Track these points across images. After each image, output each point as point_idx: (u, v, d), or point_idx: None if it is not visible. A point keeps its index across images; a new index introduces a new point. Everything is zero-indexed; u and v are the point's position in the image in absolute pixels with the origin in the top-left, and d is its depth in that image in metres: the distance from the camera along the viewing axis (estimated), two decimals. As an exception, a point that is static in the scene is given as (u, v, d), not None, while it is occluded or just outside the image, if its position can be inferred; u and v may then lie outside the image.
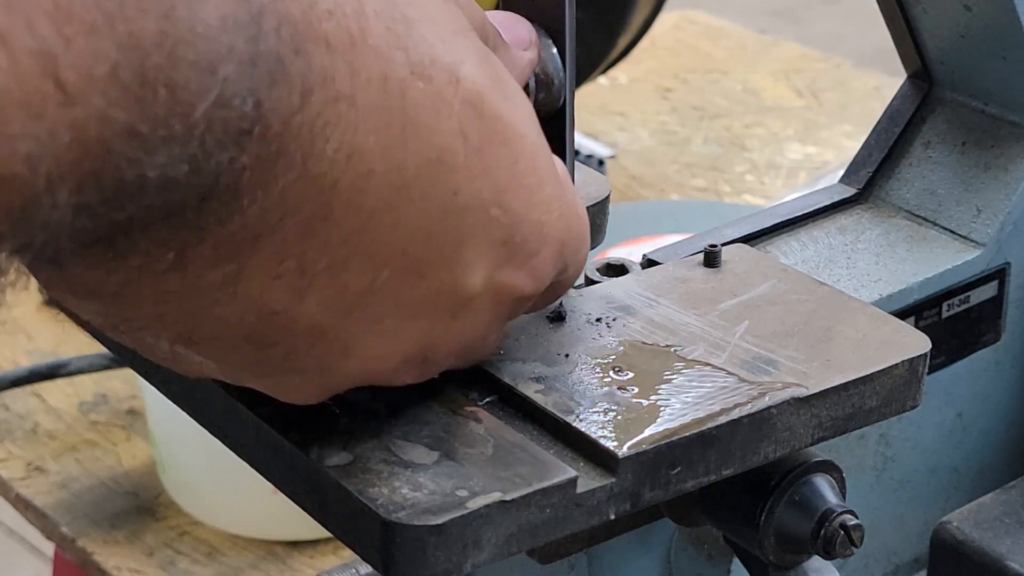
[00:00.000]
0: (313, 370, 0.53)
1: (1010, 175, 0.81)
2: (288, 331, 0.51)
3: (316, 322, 0.50)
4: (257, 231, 0.47)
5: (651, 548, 0.71)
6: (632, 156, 1.61)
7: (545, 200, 0.54)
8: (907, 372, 0.62)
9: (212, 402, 0.61)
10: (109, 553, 1.10)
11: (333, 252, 0.49)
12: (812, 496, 0.63)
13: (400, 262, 0.51)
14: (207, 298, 0.49)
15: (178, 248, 0.46)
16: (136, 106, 0.42)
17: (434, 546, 0.52)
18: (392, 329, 0.52)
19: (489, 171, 0.52)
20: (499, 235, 0.53)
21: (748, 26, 1.94)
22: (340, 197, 0.48)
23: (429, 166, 0.50)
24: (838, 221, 0.81)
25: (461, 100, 0.50)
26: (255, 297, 0.49)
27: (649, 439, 0.57)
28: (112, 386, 1.27)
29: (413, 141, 0.49)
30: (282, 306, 0.50)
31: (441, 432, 0.57)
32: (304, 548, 1.11)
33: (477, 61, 0.51)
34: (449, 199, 0.51)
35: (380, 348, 0.53)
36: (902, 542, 0.83)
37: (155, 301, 0.49)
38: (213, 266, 0.48)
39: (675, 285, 0.67)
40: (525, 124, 0.53)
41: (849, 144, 1.60)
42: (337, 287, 0.50)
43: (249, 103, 0.44)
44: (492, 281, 0.53)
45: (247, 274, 0.48)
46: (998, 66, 0.81)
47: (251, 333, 0.50)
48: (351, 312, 0.51)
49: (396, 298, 0.51)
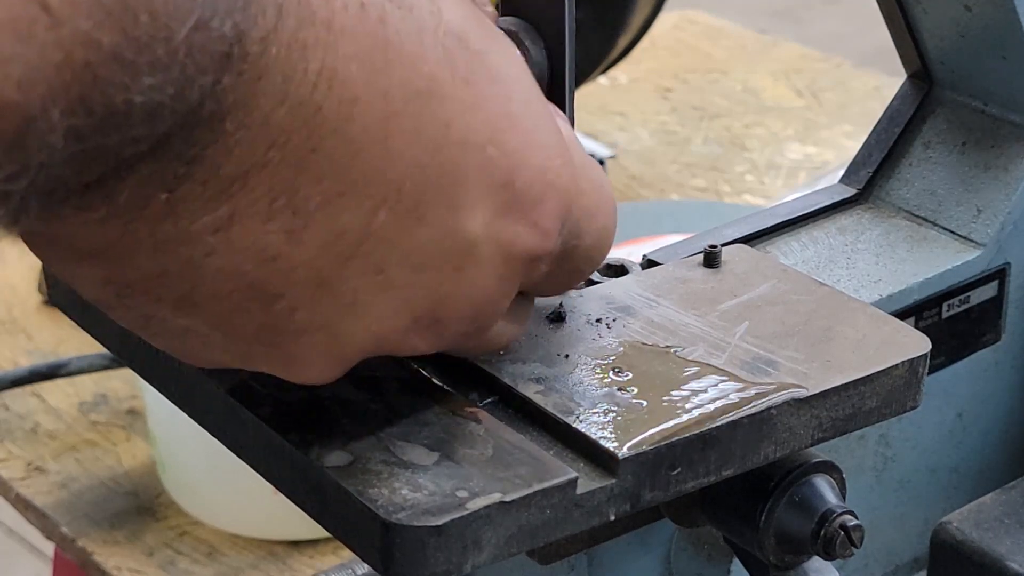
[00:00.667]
0: (321, 331, 0.51)
1: (1010, 175, 0.81)
2: (288, 281, 0.49)
3: (317, 269, 0.49)
4: (245, 165, 0.46)
5: (651, 549, 0.71)
6: (632, 156, 1.61)
7: (545, 145, 0.52)
8: (907, 372, 0.62)
9: (212, 402, 0.61)
10: (109, 553, 1.10)
11: (325, 188, 0.48)
12: (812, 497, 0.63)
13: (396, 202, 0.49)
14: (202, 246, 0.48)
15: (168, 187, 0.46)
16: (119, 30, 0.42)
17: (434, 547, 0.52)
18: (397, 281, 0.51)
19: (481, 105, 0.50)
20: (498, 176, 0.51)
21: (748, 26, 1.94)
22: (326, 125, 0.47)
23: (417, 96, 0.49)
24: (838, 221, 0.81)
25: (445, 30, 0.49)
26: (250, 242, 0.48)
27: (649, 440, 0.57)
28: (112, 386, 1.27)
29: (397, 68, 0.48)
30: (279, 250, 0.48)
31: (441, 433, 0.57)
32: (304, 548, 1.11)
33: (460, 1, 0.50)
34: (441, 132, 0.49)
35: (387, 304, 0.51)
36: (902, 542, 0.83)
37: (152, 252, 0.48)
38: (204, 208, 0.47)
39: (675, 285, 0.67)
40: (517, 67, 0.52)
41: (849, 144, 1.60)
42: (333, 229, 0.49)
43: (228, 24, 0.44)
44: (493, 228, 0.52)
45: (239, 216, 0.47)
46: (998, 66, 0.81)
47: (252, 284, 0.49)
48: (351, 258, 0.50)
49: (396, 243, 0.50)
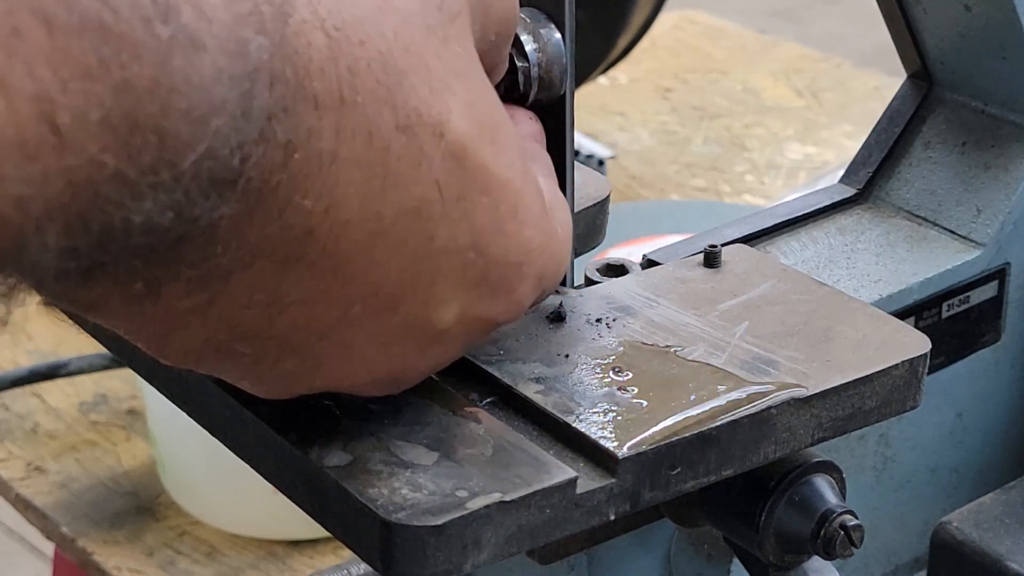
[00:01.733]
0: (280, 378, 0.54)
1: (1010, 175, 0.81)
2: (258, 347, 0.51)
3: (286, 342, 0.51)
4: (229, 269, 0.48)
5: (651, 548, 0.71)
6: (632, 156, 1.61)
7: (525, 241, 0.54)
8: (907, 372, 0.62)
9: (212, 402, 0.61)
10: (109, 553, 1.10)
11: (305, 289, 0.50)
12: (812, 496, 0.63)
13: (372, 298, 0.51)
14: (179, 320, 0.50)
15: (150, 281, 0.47)
16: (126, 152, 0.42)
17: (434, 546, 0.52)
18: (362, 354, 0.53)
19: (468, 218, 0.52)
20: (474, 276, 0.53)
21: (748, 26, 1.94)
22: (316, 244, 0.49)
23: (406, 215, 0.50)
24: (838, 221, 0.81)
25: (443, 153, 0.51)
26: (225, 321, 0.50)
27: (649, 439, 0.57)
28: (112, 386, 1.27)
29: (392, 192, 0.50)
30: (252, 329, 0.50)
31: (441, 433, 0.57)
32: (304, 548, 1.11)
33: (467, 110, 0.51)
34: (425, 244, 0.51)
35: (350, 368, 0.53)
36: (902, 542, 0.83)
37: (128, 317, 0.49)
38: (185, 296, 0.48)
39: (675, 285, 0.67)
40: (510, 168, 0.53)
41: (849, 144, 1.60)
42: (308, 317, 0.51)
43: (236, 157, 0.45)
44: (464, 316, 0.54)
45: (218, 303, 0.49)
46: (998, 66, 0.81)
47: (220, 347, 0.51)
48: (322, 337, 0.52)
49: (367, 329, 0.52)
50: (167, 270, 0.47)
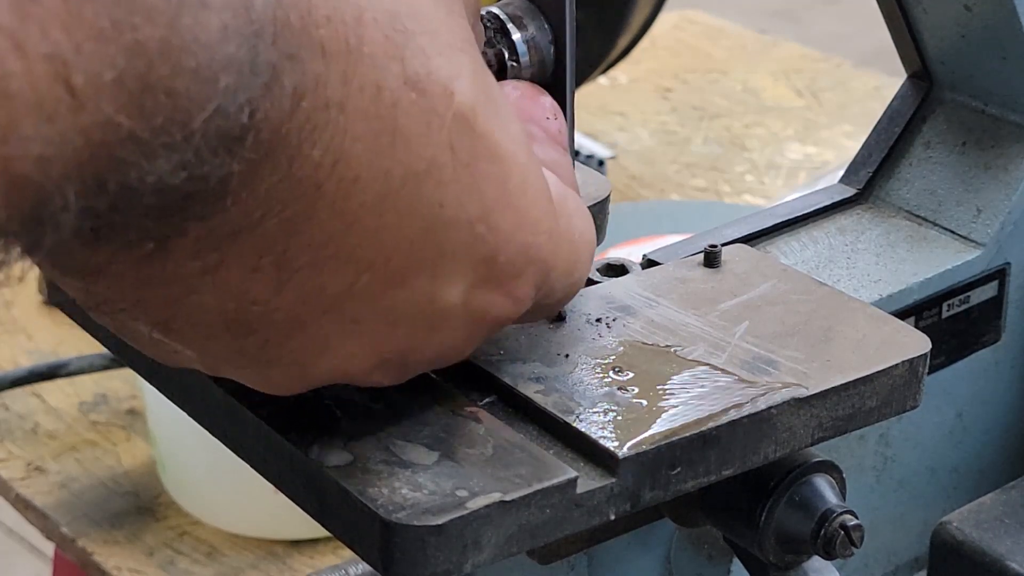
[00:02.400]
0: (289, 363, 0.53)
1: (1010, 175, 0.81)
2: (266, 321, 0.51)
3: (294, 315, 0.51)
4: (238, 227, 0.47)
5: (651, 548, 0.71)
6: (632, 156, 1.61)
7: (533, 222, 0.54)
8: (907, 372, 0.62)
9: (212, 402, 0.61)
10: (109, 553, 1.10)
11: (314, 252, 0.49)
12: (812, 496, 0.63)
13: (381, 268, 0.51)
14: (186, 285, 0.49)
15: (159, 239, 0.47)
16: (139, 113, 0.42)
17: (434, 546, 0.52)
18: (370, 332, 0.52)
19: (478, 187, 0.51)
20: (482, 252, 0.53)
21: (748, 26, 1.94)
22: (324, 200, 0.48)
23: (416, 177, 0.50)
24: (838, 221, 0.81)
25: (453, 114, 0.50)
26: (234, 286, 0.49)
27: (649, 439, 0.57)
28: (112, 386, 1.27)
29: (402, 151, 0.49)
30: (260, 297, 0.50)
31: (441, 432, 0.57)
32: (304, 548, 1.11)
33: (472, 77, 0.51)
34: (435, 211, 0.51)
35: (357, 348, 0.53)
36: (902, 542, 0.83)
37: (136, 283, 0.49)
38: (194, 256, 0.48)
39: (675, 285, 0.67)
40: (517, 144, 0.53)
41: (849, 144, 1.60)
42: (316, 285, 0.50)
43: (245, 112, 0.45)
44: (469, 298, 0.53)
45: (227, 264, 0.49)
46: (998, 66, 0.81)
47: (229, 321, 0.51)
48: (329, 311, 0.51)
49: (375, 303, 0.52)
50: (176, 227, 0.46)
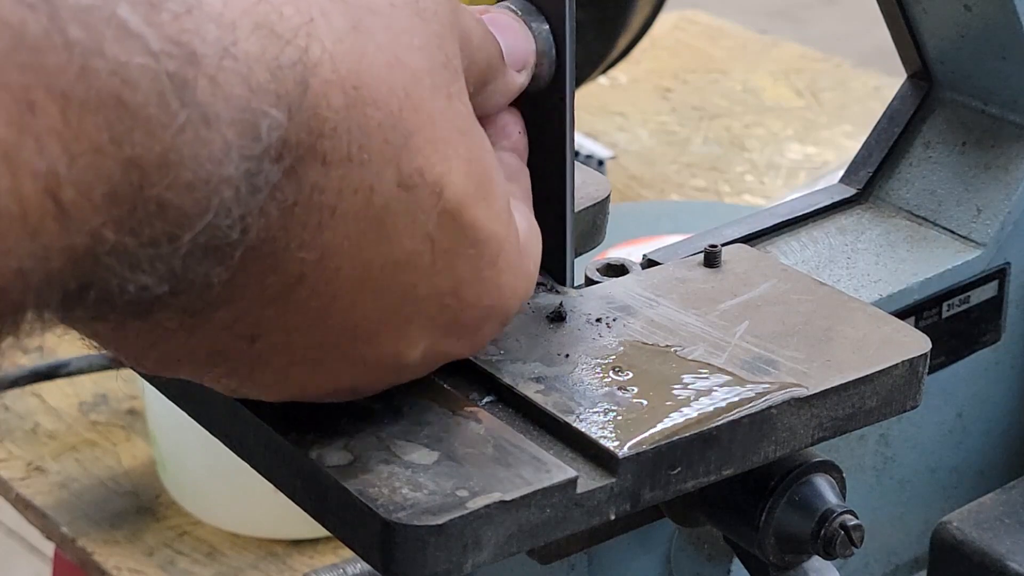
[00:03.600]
0: (250, 387, 0.55)
1: (1010, 175, 0.81)
2: (234, 361, 0.53)
3: (262, 360, 0.53)
4: (218, 305, 0.49)
5: (651, 548, 0.71)
6: (632, 156, 1.61)
7: (500, 286, 0.56)
8: (907, 372, 0.62)
9: (212, 402, 0.61)
10: (109, 553, 1.10)
11: (286, 323, 0.51)
12: (812, 496, 0.63)
13: (350, 333, 0.53)
14: (162, 339, 0.51)
15: (141, 314, 0.47)
16: (128, 226, 0.42)
17: (434, 546, 0.52)
18: (331, 372, 0.54)
19: (451, 268, 0.53)
20: (448, 319, 0.55)
21: (748, 26, 1.94)
22: (305, 287, 0.50)
23: (395, 266, 0.51)
24: (838, 221, 0.81)
25: (440, 211, 0.51)
26: (208, 340, 0.51)
27: (649, 439, 0.57)
28: (112, 386, 1.27)
29: (384, 244, 0.50)
30: (231, 349, 0.52)
31: (441, 432, 0.57)
32: (304, 548, 1.11)
33: (466, 168, 0.52)
34: (408, 291, 0.52)
35: (315, 382, 0.55)
36: (902, 542, 0.83)
37: (113, 329, 0.51)
38: (171, 319, 0.49)
39: (675, 285, 0.67)
40: (498, 222, 0.54)
41: (849, 144, 1.60)
42: (286, 344, 0.52)
43: (238, 228, 0.45)
44: (431, 351, 0.56)
45: (200, 326, 0.50)
46: (998, 66, 0.81)
47: (198, 361, 0.52)
48: (296, 361, 0.53)
49: (340, 355, 0.53)
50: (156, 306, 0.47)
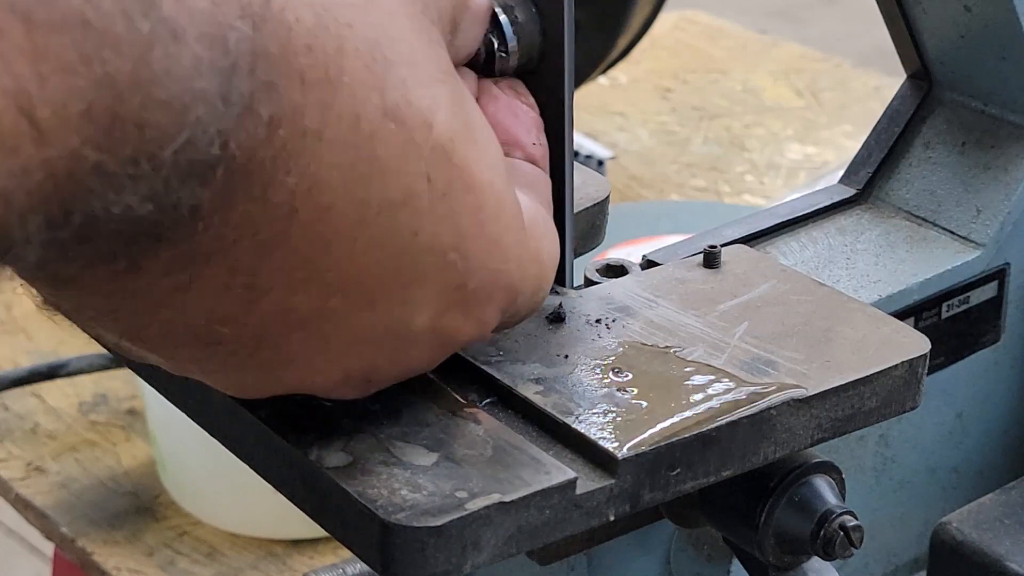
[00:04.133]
0: (254, 371, 0.53)
1: (1010, 176, 0.81)
2: (234, 335, 0.51)
3: (263, 331, 0.51)
4: (211, 250, 0.47)
5: (650, 549, 0.71)
6: (632, 156, 1.61)
7: (505, 249, 0.54)
8: (907, 373, 0.62)
9: (211, 403, 0.61)
10: (109, 553, 1.10)
11: (286, 275, 0.49)
12: (811, 497, 0.63)
13: (352, 291, 0.51)
14: (157, 301, 0.49)
15: (130, 259, 0.47)
16: (107, 145, 0.42)
17: (433, 547, 0.52)
18: (337, 349, 0.53)
19: (452, 216, 0.52)
20: (453, 279, 0.53)
21: (748, 26, 1.94)
22: (298, 226, 0.48)
23: (391, 206, 0.50)
24: (838, 222, 0.81)
25: (432, 145, 0.50)
26: (204, 304, 0.49)
27: (648, 440, 0.57)
28: (112, 386, 1.27)
29: (378, 181, 0.49)
30: (230, 314, 0.50)
31: (440, 433, 0.57)
32: (304, 548, 1.11)
33: (452, 107, 0.51)
34: (408, 239, 0.51)
35: (324, 364, 0.53)
36: (902, 543, 0.83)
37: (108, 294, 0.49)
38: (165, 274, 0.48)
39: (674, 286, 0.67)
40: (493, 171, 0.53)
41: (849, 144, 1.60)
42: (286, 306, 0.50)
43: (216, 143, 0.44)
44: (437, 322, 0.54)
45: (198, 284, 0.49)
46: (998, 66, 0.81)
47: (198, 334, 0.51)
48: (298, 329, 0.51)
49: (344, 323, 0.52)
50: (147, 249, 0.46)
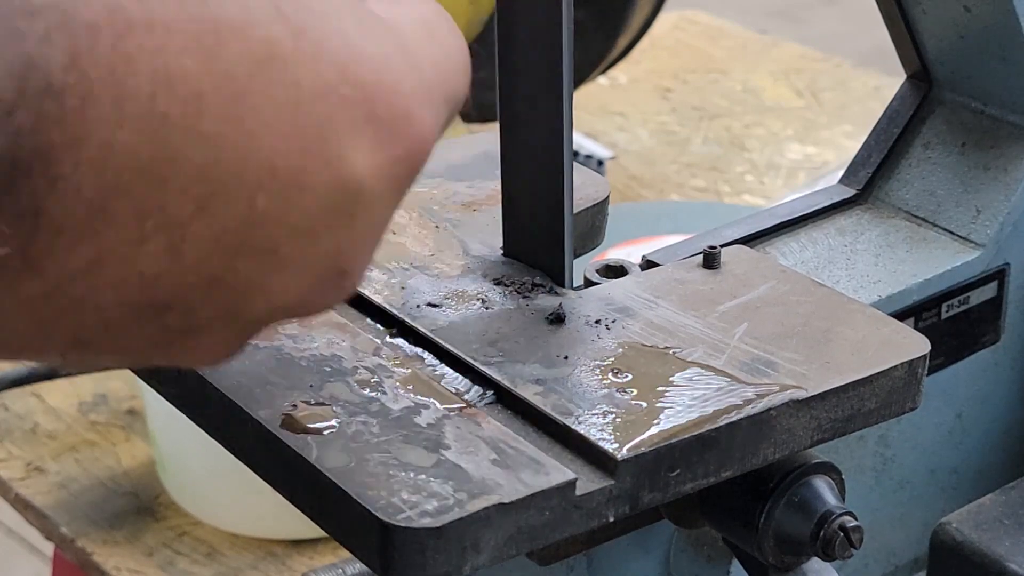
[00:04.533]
0: (219, 323, 0.48)
1: (1010, 176, 0.81)
2: (177, 290, 0.46)
3: (205, 271, 0.46)
4: (98, 199, 0.43)
5: (650, 550, 0.71)
6: (632, 156, 1.61)
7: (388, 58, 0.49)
8: (906, 374, 0.62)
9: (211, 404, 0.61)
10: (109, 553, 1.10)
11: (194, 195, 0.45)
12: (811, 498, 0.63)
13: (271, 180, 0.46)
14: (76, 291, 0.45)
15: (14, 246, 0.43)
16: None
17: (433, 549, 0.52)
18: (293, 254, 0.47)
19: (321, 49, 0.47)
20: (360, 112, 0.48)
21: (748, 26, 1.94)
22: (176, 130, 0.44)
23: (259, 66, 0.46)
24: (837, 222, 0.81)
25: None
26: (127, 271, 0.45)
27: (648, 441, 0.57)
28: (112, 386, 1.27)
29: (232, 45, 0.45)
30: (161, 269, 0.45)
31: (440, 434, 0.57)
32: (304, 548, 1.11)
33: None
34: (293, 93, 0.46)
35: (287, 278, 0.48)
36: (902, 543, 0.83)
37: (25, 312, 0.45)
38: (66, 254, 0.44)
39: (674, 287, 0.67)
40: None
41: (849, 144, 1.60)
42: (214, 230, 0.45)
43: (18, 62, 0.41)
44: (376, 162, 0.49)
45: (108, 251, 0.44)
46: (997, 67, 0.81)
47: (139, 309, 0.46)
48: (240, 251, 0.46)
49: (284, 220, 0.47)
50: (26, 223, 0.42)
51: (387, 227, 0.51)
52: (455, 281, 0.68)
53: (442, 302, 0.66)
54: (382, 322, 0.66)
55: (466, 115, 1.53)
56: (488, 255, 0.70)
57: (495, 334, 0.63)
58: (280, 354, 0.62)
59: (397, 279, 0.68)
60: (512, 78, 0.65)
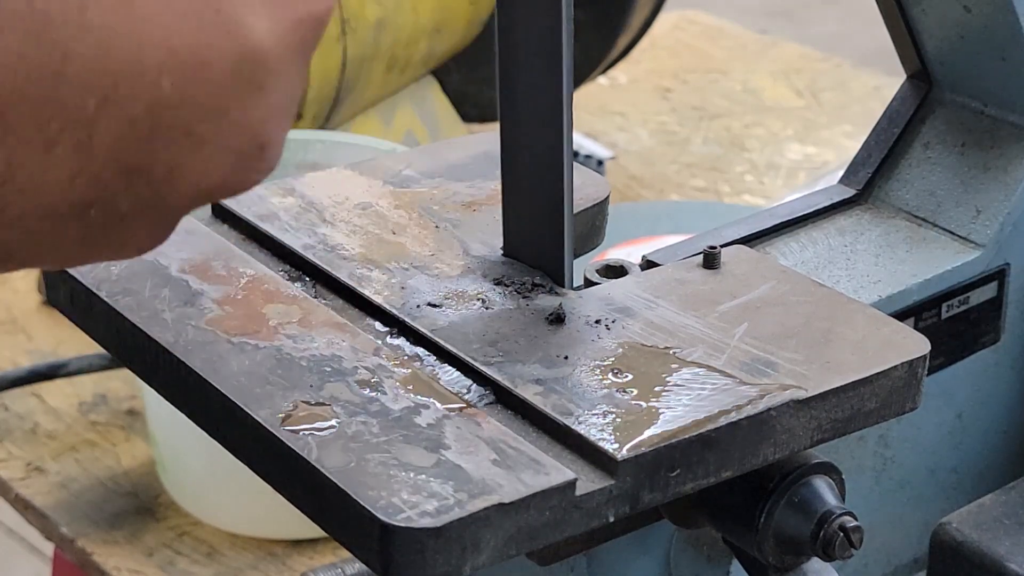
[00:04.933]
0: (142, 212, 0.47)
1: (1010, 176, 0.81)
2: (95, 185, 0.45)
3: (121, 162, 0.45)
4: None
5: (650, 549, 0.71)
6: (632, 156, 1.61)
7: None
8: (906, 374, 0.62)
9: (210, 404, 0.61)
10: (109, 553, 1.10)
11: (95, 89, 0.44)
12: (811, 498, 0.63)
13: (173, 61, 0.45)
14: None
15: None
16: None
17: (433, 549, 0.52)
18: (207, 133, 0.46)
19: None
20: None
21: (748, 26, 1.94)
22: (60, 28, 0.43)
23: None
24: (837, 222, 0.81)
25: None
26: (41, 177, 0.44)
27: (648, 441, 0.57)
28: (112, 386, 1.27)
29: None
30: (74, 168, 0.44)
31: (440, 435, 0.57)
32: (304, 548, 1.11)
33: None
34: None
35: (207, 158, 0.47)
36: (902, 543, 0.83)
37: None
38: None
39: (674, 287, 0.67)
40: None
41: (849, 144, 1.60)
42: (122, 121, 0.44)
43: None
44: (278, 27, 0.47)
45: (17, 159, 0.43)
46: (997, 67, 0.81)
47: (59, 209, 0.45)
48: (153, 137, 0.45)
49: (192, 99, 0.45)
50: None
51: (299, 94, 0.50)
52: (455, 281, 0.68)
53: (442, 302, 0.66)
54: (382, 322, 0.66)
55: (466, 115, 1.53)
56: (488, 255, 0.70)
57: (495, 334, 0.63)
58: (280, 354, 0.62)
59: (397, 279, 0.68)
60: (512, 78, 0.65)
